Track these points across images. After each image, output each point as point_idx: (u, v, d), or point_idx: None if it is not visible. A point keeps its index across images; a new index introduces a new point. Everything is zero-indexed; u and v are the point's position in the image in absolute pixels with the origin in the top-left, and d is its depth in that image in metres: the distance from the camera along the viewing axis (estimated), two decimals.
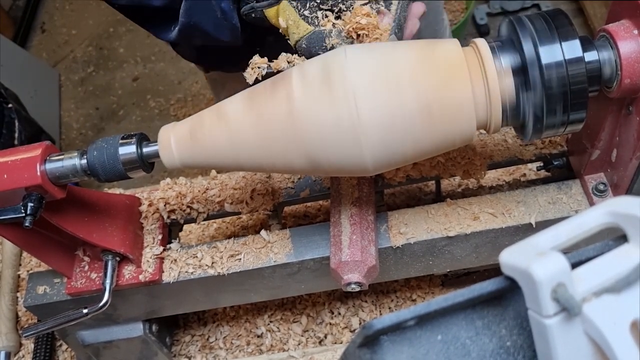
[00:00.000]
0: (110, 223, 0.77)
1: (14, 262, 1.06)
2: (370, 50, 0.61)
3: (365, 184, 0.77)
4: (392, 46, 0.62)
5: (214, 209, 0.85)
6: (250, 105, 0.62)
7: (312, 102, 0.59)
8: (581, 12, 2.25)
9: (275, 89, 0.61)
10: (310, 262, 0.80)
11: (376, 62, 0.59)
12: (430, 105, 0.58)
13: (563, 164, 0.84)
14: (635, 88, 0.61)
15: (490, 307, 0.40)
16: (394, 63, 0.59)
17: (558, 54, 0.58)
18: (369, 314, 1.00)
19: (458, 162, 0.80)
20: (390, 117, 0.58)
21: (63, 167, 0.64)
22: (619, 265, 0.36)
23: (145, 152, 0.66)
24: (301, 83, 0.60)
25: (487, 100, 0.59)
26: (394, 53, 0.60)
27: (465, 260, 0.82)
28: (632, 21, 0.61)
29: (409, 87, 0.58)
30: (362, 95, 0.58)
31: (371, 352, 0.39)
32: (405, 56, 0.60)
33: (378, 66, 0.59)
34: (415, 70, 0.59)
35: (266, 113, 0.61)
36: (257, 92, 0.63)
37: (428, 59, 0.59)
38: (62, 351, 1.03)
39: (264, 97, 0.62)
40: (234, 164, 0.64)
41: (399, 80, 0.58)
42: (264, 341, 1.00)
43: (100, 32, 3.02)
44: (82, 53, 2.97)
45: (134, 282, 0.79)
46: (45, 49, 3.02)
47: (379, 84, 0.58)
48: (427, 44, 0.61)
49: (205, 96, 2.70)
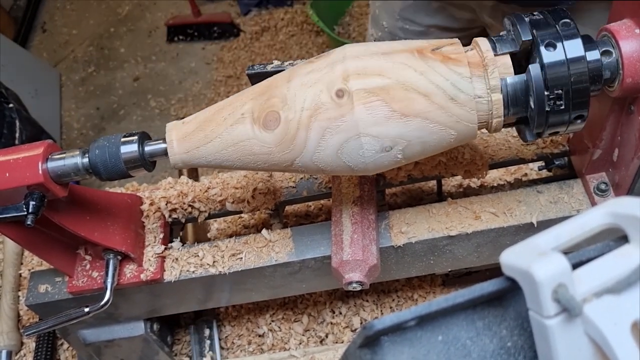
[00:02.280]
0: (112, 222, 0.77)
1: (15, 261, 1.06)
2: (369, 47, 0.61)
3: (366, 183, 0.77)
4: (390, 44, 0.62)
5: (215, 208, 0.85)
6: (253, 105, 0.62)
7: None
8: None
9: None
10: (312, 261, 0.80)
11: (375, 59, 0.60)
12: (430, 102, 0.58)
13: (564, 164, 0.84)
14: (637, 87, 0.61)
15: (491, 308, 0.40)
16: (393, 60, 0.59)
17: (560, 53, 0.58)
18: (370, 314, 1.00)
19: (459, 161, 0.80)
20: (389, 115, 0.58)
21: (65, 165, 0.64)
22: (620, 266, 0.36)
23: (147, 150, 0.66)
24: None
25: (489, 98, 0.59)
26: (393, 51, 0.60)
27: (466, 259, 0.82)
28: (634, 20, 0.60)
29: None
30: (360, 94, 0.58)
31: (372, 352, 0.39)
32: (405, 53, 0.60)
33: (377, 63, 0.59)
34: (415, 68, 0.59)
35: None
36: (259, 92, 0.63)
37: (428, 57, 0.59)
38: (64, 350, 1.03)
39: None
40: (236, 163, 0.64)
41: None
42: (265, 340, 1.01)
43: (101, 31, 3.03)
44: (83, 53, 2.97)
45: (136, 281, 0.79)
46: (46, 48, 3.03)
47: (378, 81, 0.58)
48: (427, 42, 0.61)
49: (206, 96, 2.70)
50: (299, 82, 0.60)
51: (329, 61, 0.61)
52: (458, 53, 0.60)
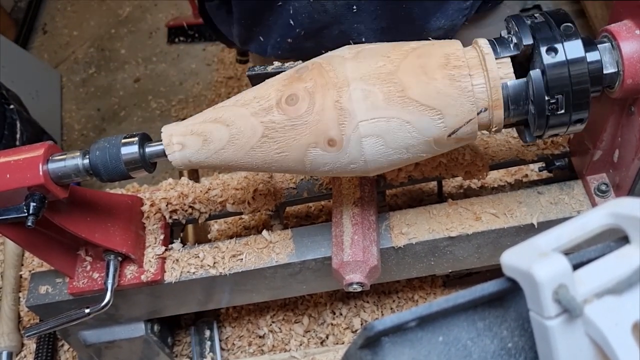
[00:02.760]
0: (113, 223, 0.77)
1: (16, 262, 1.06)
2: (368, 50, 0.61)
3: (367, 185, 0.77)
4: (390, 45, 0.62)
5: (215, 209, 0.85)
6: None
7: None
8: (582, 13, 2.24)
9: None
10: (312, 262, 0.80)
11: (374, 60, 0.60)
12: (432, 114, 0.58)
13: (565, 165, 0.84)
14: (637, 88, 0.61)
15: (491, 309, 0.40)
16: (391, 60, 0.60)
17: (560, 54, 0.58)
18: (370, 315, 1.00)
19: (460, 162, 0.80)
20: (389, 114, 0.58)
21: (65, 166, 0.64)
22: (621, 267, 0.36)
23: (147, 151, 0.66)
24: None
25: (489, 98, 0.59)
26: (392, 51, 0.61)
27: (467, 260, 0.82)
28: (635, 21, 0.60)
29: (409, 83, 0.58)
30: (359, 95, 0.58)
31: (372, 353, 0.39)
32: (404, 53, 0.60)
33: (376, 64, 0.59)
34: (415, 67, 0.59)
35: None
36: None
37: (429, 65, 0.59)
38: (64, 351, 1.03)
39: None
40: (237, 164, 0.64)
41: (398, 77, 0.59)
42: (265, 341, 1.00)
43: (102, 33, 3.03)
44: (84, 54, 2.97)
45: (136, 282, 0.79)
46: (47, 50, 3.03)
47: (377, 81, 0.58)
48: (429, 47, 0.61)
49: (207, 97, 2.70)
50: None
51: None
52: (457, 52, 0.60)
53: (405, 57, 0.60)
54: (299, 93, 0.60)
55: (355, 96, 0.58)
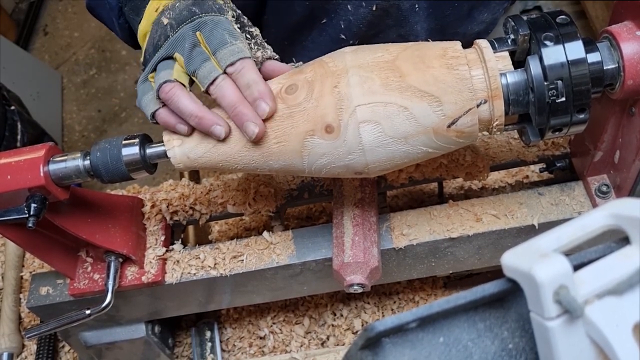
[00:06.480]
0: (113, 224, 0.77)
1: (16, 263, 1.06)
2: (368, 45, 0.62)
3: (367, 186, 0.77)
4: (391, 46, 0.62)
5: (216, 210, 0.85)
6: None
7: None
8: (583, 14, 2.24)
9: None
10: (313, 263, 0.80)
11: (373, 51, 0.60)
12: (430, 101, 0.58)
13: (566, 166, 0.84)
14: (638, 89, 0.61)
15: (492, 310, 0.40)
16: (390, 52, 0.60)
17: (561, 55, 0.58)
18: (371, 316, 1.00)
19: (461, 163, 0.80)
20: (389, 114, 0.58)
21: (66, 168, 0.65)
22: (621, 268, 0.36)
23: (148, 152, 0.66)
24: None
25: (488, 88, 0.59)
26: (391, 46, 0.61)
27: (467, 261, 0.82)
28: (635, 22, 0.60)
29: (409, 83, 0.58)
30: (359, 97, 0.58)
31: (373, 354, 0.39)
32: (403, 47, 0.60)
33: (375, 54, 0.60)
34: (413, 57, 0.59)
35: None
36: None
37: (427, 55, 0.60)
38: (65, 352, 1.03)
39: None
40: (235, 159, 0.64)
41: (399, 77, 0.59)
42: (266, 343, 1.00)
43: (103, 34, 3.03)
44: (85, 55, 2.97)
45: (137, 283, 0.79)
46: (48, 51, 3.03)
47: (375, 68, 0.59)
48: (428, 43, 0.62)
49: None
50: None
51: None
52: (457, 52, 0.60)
53: (404, 49, 0.61)
54: (299, 83, 0.62)
55: (353, 81, 0.59)
